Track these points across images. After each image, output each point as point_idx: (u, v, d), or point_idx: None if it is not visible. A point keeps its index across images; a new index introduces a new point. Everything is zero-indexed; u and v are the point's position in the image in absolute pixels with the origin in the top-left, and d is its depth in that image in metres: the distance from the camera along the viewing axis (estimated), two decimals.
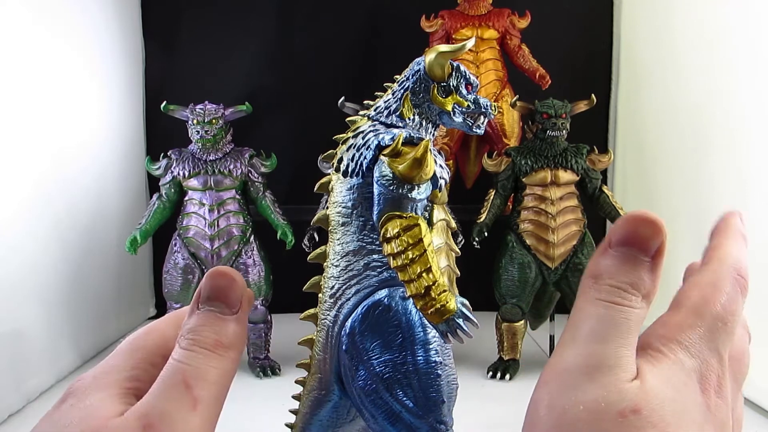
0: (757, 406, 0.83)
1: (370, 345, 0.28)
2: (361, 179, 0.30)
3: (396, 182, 0.28)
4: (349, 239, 0.30)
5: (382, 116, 0.32)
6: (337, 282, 0.30)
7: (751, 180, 0.85)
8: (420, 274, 0.27)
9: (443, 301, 0.27)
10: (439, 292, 0.27)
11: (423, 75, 0.32)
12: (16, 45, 0.86)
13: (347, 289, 0.30)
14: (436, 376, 0.29)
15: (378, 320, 0.29)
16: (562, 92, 0.99)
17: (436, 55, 0.32)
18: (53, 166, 0.95)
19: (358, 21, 1.30)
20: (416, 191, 0.29)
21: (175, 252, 0.97)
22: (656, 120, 1.15)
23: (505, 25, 1.17)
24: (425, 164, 0.28)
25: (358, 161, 0.30)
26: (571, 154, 0.95)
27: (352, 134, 0.32)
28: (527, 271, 0.95)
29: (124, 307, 1.20)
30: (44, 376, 0.90)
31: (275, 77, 1.33)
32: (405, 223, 0.28)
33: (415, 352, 0.28)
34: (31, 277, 0.87)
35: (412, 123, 0.32)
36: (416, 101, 0.32)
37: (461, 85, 0.32)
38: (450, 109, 0.32)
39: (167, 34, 1.34)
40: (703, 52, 0.97)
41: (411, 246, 0.28)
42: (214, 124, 0.96)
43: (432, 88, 0.32)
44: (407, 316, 0.28)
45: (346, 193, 0.30)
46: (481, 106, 0.32)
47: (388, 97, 0.33)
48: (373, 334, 0.28)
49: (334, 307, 0.30)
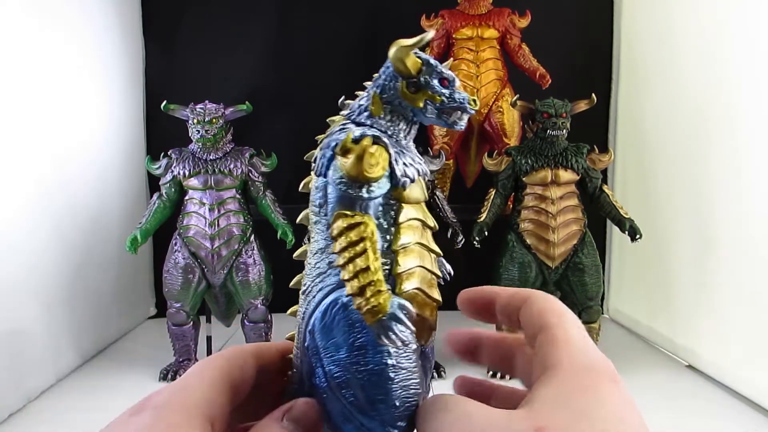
0: (757, 405, 0.83)
1: (325, 343, 0.28)
2: (324, 178, 0.29)
3: (345, 181, 0.28)
4: (318, 237, 0.30)
5: (353, 115, 0.32)
6: (307, 279, 0.30)
7: (751, 180, 0.85)
8: (357, 274, 0.27)
9: (375, 302, 0.27)
10: (373, 292, 0.27)
11: (392, 71, 0.31)
12: (17, 45, 0.86)
13: (314, 286, 0.30)
14: (387, 379, 0.28)
15: (334, 318, 0.28)
16: (563, 92, 0.99)
17: (396, 50, 0.31)
18: (54, 165, 0.95)
19: (358, 20, 1.31)
20: (365, 190, 0.28)
21: (175, 251, 0.97)
22: (656, 120, 1.15)
23: (506, 25, 1.17)
24: (366, 162, 0.28)
25: (321, 161, 0.30)
26: (572, 153, 0.95)
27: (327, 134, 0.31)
28: (527, 271, 0.95)
29: (125, 306, 1.20)
30: (45, 376, 0.90)
31: (275, 77, 1.33)
32: (349, 221, 0.28)
33: (366, 353, 0.28)
34: (31, 276, 0.87)
35: (384, 121, 0.31)
36: (387, 98, 0.31)
37: (433, 80, 0.31)
38: (421, 105, 0.31)
39: (167, 34, 1.34)
40: (703, 52, 0.97)
41: (353, 244, 0.27)
42: (214, 123, 0.96)
43: (401, 84, 0.31)
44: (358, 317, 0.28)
45: (315, 192, 0.30)
46: (456, 101, 0.31)
47: (363, 95, 0.33)
48: (329, 333, 0.28)
49: (304, 304, 0.30)
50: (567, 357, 0.25)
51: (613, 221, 0.97)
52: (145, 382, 0.94)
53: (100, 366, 1.03)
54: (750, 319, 0.84)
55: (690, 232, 1.01)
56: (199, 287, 0.97)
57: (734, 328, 0.88)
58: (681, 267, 1.04)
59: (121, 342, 1.17)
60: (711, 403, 0.87)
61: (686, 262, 1.02)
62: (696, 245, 0.99)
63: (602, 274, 0.99)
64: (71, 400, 0.87)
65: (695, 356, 1.00)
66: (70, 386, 0.93)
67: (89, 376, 0.98)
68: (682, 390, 0.92)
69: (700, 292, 0.98)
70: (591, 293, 0.95)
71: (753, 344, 0.84)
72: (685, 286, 1.03)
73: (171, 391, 0.26)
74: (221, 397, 0.27)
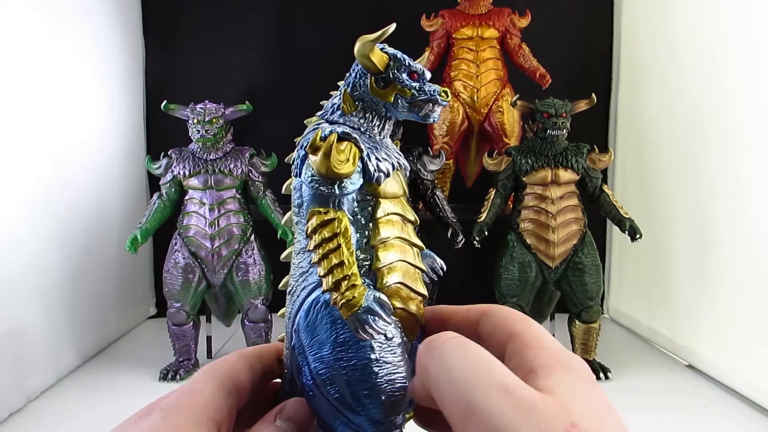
0: (757, 405, 0.83)
1: (309, 341, 0.29)
2: (300, 178, 0.30)
3: (318, 179, 0.28)
4: (299, 237, 0.30)
5: (327, 114, 0.32)
6: (292, 279, 0.31)
7: (750, 179, 0.85)
8: (332, 269, 0.27)
9: (350, 296, 0.27)
10: (347, 286, 0.27)
11: (361, 69, 0.32)
12: (16, 45, 0.86)
13: (298, 286, 0.30)
14: (371, 373, 0.28)
15: (317, 316, 0.29)
16: (563, 91, 0.99)
17: (359, 46, 0.31)
18: (53, 165, 0.95)
19: (358, 20, 1.30)
20: (337, 187, 0.28)
21: (175, 251, 0.97)
22: (656, 119, 1.15)
23: (506, 25, 1.17)
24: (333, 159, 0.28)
25: (296, 161, 0.30)
26: (572, 153, 0.95)
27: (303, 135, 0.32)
28: (527, 271, 0.95)
29: (125, 306, 1.20)
30: (45, 375, 0.90)
31: (275, 76, 1.33)
32: (322, 218, 0.28)
33: (349, 349, 0.28)
34: (31, 276, 0.87)
35: (356, 118, 0.31)
36: (358, 95, 0.31)
37: (402, 74, 0.31)
38: (392, 100, 0.31)
39: (167, 33, 1.34)
40: (703, 52, 0.97)
41: (326, 241, 0.28)
42: (214, 123, 0.96)
43: (370, 80, 0.31)
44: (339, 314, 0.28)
45: (294, 193, 0.31)
46: (427, 93, 0.31)
47: (335, 95, 0.33)
48: (312, 331, 0.29)
49: (290, 305, 0.30)
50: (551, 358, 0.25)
51: (613, 221, 0.97)
52: (145, 382, 0.94)
53: (100, 366, 1.03)
54: (750, 318, 0.84)
55: (690, 232, 1.01)
56: (199, 287, 0.97)
57: (734, 327, 0.88)
58: (681, 267, 1.04)
59: (121, 342, 1.17)
60: (711, 403, 0.87)
61: (686, 261, 1.02)
62: (696, 245, 0.99)
63: (602, 273, 0.99)
64: (71, 400, 0.87)
65: (695, 356, 1.00)
66: (70, 386, 0.93)
67: (89, 376, 0.98)
68: (682, 390, 0.92)
69: (700, 291, 0.98)
70: (591, 293, 0.95)
71: (753, 344, 0.84)
72: (685, 286, 1.03)
73: (178, 394, 0.27)
74: (227, 401, 0.28)
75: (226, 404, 0.28)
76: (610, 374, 0.95)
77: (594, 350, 0.98)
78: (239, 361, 0.30)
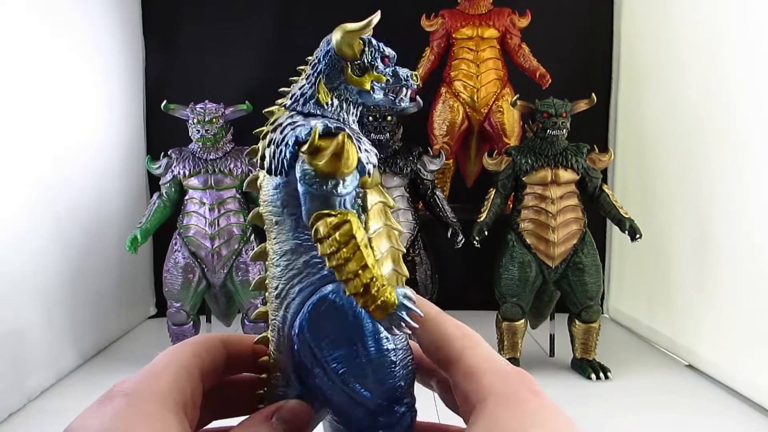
0: (758, 405, 0.83)
1: (320, 343, 0.28)
2: (285, 177, 0.28)
3: (319, 179, 0.27)
4: (284, 238, 0.29)
5: (298, 105, 0.31)
6: (280, 282, 0.29)
7: (750, 179, 0.85)
8: (356, 273, 0.26)
9: (383, 297, 0.26)
10: (377, 288, 0.26)
11: (334, 56, 0.31)
12: (16, 44, 0.86)
13: (291, 288, 0.29)
14: (390, 363, 0.28)
15: (325, 317, 0.28)
16: (563, 91, 0.99)
17: (342, 35, 0.30)
18: (54, 165, 0.95)
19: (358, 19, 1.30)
20: (341, 186, 0.27)
21: (175, 251, 0.97)
22: (656, 119, 1.15)
23: (506, 25, 1.17)
24: (345, 158, 0.27)
25: (278, 159, 0.28)
26: (572, 153, 0.95)
27: (270, 128, 0.30)
28: (527, 270, 0.95)
29: (125, 306, 1.20)
30: (45, 375, 0.90)
31: (275, 76, 1.31)
32: (334, 221, 0.27)
33: (366, 344, 0.28)
34: (31, 276, 0.87)
35: (331, 108, 0.30)
36: (332, 84, 0.31)
37: (377, 60, 0.31)
38: (368, 87, 0.30)
39: (167, 33, 1.34)
40: (703, 52, 0.97)
41: (343, 245, 0.27)
42: (214, 123, 0.96)
43: (345, 68, 0.30)
44: (353, 309, 0.28)
45: (274, 192, 0.29)
46: (401, 79, 0.31)
47: (303, 83, 0.31)
48: (322, 332, 0.28)
49: (281, 308, 0.29)
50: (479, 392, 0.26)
51: (613, 221, 0.97)
52: None
53: (100, 366, 1.03)
54: (750, 318, 0.84)
55: (690, 231, 1.01)
56: (199, 287, 0.97)
57: (734, 327, 0.88)
58: (681, 266, 1.04)
59: (121, 342, 1.17)
60: (711, 403, 0.87)
61: (686, 261, 1.02)
62: (696, 245, 0.99)
63: (602, 273, 0.99)
64: (71, 400, 0.87)
65: (695, 356, 1.00)
66: (70, 386, 0.93)
67: (89, 376, 0.98)
68: (682, 390, 0.92)
69: (700, 291, 0.98)
70: (591, 293, 0.95)
71: (753, 344, 0.84)
72: (685, 286, 1.03)
73: (140, 377, 0.26)
74: (191, 383, 0.27)
75: (191, 386, 0.27)
76: (610, 374, 0.94)
77: (594, 350, 0.98)
78: (205, 343, 0.29)
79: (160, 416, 0.24)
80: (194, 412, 0.27)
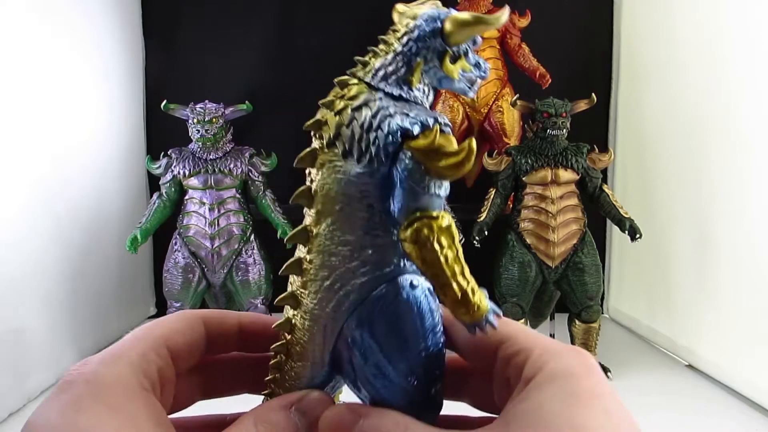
0: (757, 405, 0.83)
1: (381, 338, 0.27)
2: (374, 167, 0.26)
3: (428, 179, 0.26)
4: (349, 227, 0.27)
5: (385, 85, 0.28)
6: (334, 272, 0.27)
7: (751, 179, 0.85)
8: (456, 278, 0.26)
9: (479, 303, 0.26)
10: (475, 293, 0.26)
11: (440, 39, 0.28)
12: (16, 44, 0.86)
13: (351, 279, 0.27)
14: (441, 354, 0.28)
15: (389, 312, 0.27)
16: (563, 91, 0.99)
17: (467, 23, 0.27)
18: (53, 165, 0.95)
19: (358, 20, 1.30)
20: (445, 187, 0.26)
21: (175, 251, 0.97)
22: (656, 119, 1.15)
23: (505, 24, 1.17)
24: (469, 163, 0.25)
25: (372, 146, 0.26)
26: (572, 153, 0.95)
27: (351, 105, 0.27)
28: (527, 270, 0.95)
29: (125, 306, 1.20)
30: (45, 375, 0.90)
31: (275, 76, 1.32)
32: (439, 223, 0.26)
33: (426, 339, 0.27)
34: (31, 276, 0.87)
35: (419, 92, 0.28)
36: (425, 67, 0.28)
37: (470, 49, 0.29)
38: (457, 76, 0.29)
39: (167, 33, 1.34)
40: (703, 52, 0.97)
41: (446, 248, 0.25)
42: (214, 123, 0.96)
43: (446, 54, 0.28)
44: (418, 305, 0.27)
45: (352, 178, 0.26)
46: (482, 70, 0.29)
47: (389, 60, 0.28)
48: (384, 326, 0.27)
49: (332, 299, 0.27)
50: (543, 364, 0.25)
51: (613, 221, 0.97)
52: None
53: None
54: (750, 318, 0.84)
55: (690, 231, 1.01)
56: (199, 287, 0.97)
57: (734, 327, 0.88)
58: (681, 266, 1.04)
59: None
60: (711, 403, 0.87)
61: (686, 261, 1.02)
62: (696, 245, 0.99)
63: (602, 273, 0.99)
64: None
65: (695, 356, 1.00)
66: None
67: None
68: (682, 390, 0.92)
69: (700, 291, 0.98)
70: (591, 293, 0.95)
71: (753, 344, 0.84)
72: (685, 286, 1.03)
73: (102, 360, 0.24)
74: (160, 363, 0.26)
75: (156, 366, 0.25)
76: (610, 374, 0.95)
77: (594, 350, 0.98)
78: (180, 321, 0.28)
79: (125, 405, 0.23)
80: (169, 390, 0.26)
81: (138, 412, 0.23)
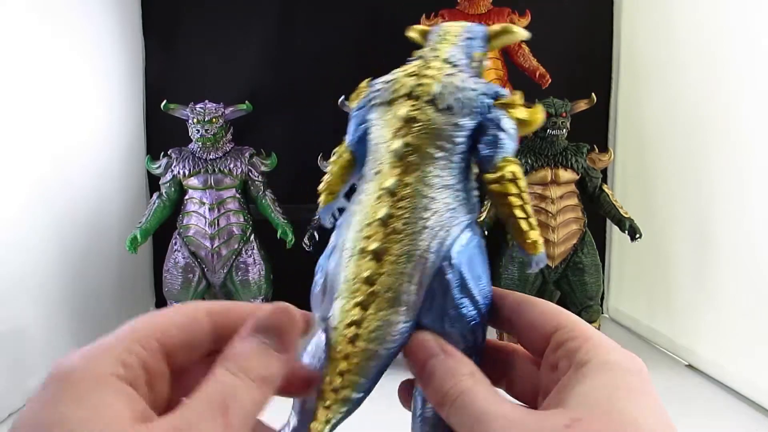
0: (757, 405, 0.83)
1: (471, 276, 0.31)
2: (472, 121, 0.31)
3: (513, 131, 0.32)
4: (448, 174, 0.31)
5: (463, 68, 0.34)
6: (434, 214, 0.31)
7: (751, 179, 0.85)
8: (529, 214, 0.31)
9: (539, 240, 0.31)
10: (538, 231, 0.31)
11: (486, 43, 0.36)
12: (16, 44, 0.86)
13: (449, 221, 0.31)
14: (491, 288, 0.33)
15: (475, 252, 0.31)
16: (562, 91, 0.99)
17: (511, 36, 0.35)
18: (53, 165, 0.95)
19: (358, 20, 1.30)
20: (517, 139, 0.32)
21: (175, 251, 0.97)
22: (656, 119, 1.15)
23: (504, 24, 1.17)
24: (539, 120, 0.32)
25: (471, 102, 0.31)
26: (572, 153, 0.95)
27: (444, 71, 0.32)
28: (527, 270, 0.95)
29: (125, 306, 1.20)
30: (44, 375, 0.90)
31: (275, 76, 1.32)
32: (519, 167, 0.31)
33: (489, 279, 0.32)
34: (31, 276, 0.87)
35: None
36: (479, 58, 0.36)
37: None
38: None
39: (167, 33, 1.34)
40: (703, 52, 0.97)
41: (524, 187, 0.31)
42: (214, 123, 0.96)
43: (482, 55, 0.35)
44: (484, 248, 0.32)
45: (452, 129, 0.31)
46: None
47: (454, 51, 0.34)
48: (475, 266, 0.31)
49: (435, 239, 0.30)
50: (596, 354, 0.25)
51: (613, 221, 0.97)
52: None
53: None
54: (750, 318, 0.84)
55: (690, 231, 1.01)
56: (199, 287, 0.97)
57: (734, 327, 0.88)
58: (681, 266, 1.04)
59: None
60: (711, 403, 0.87)
61: (686, 261, 1.02)
62: (696, 245, 0.99)
63: (602, 273, 0.99)
64: None
65: (695, 356, 1.00)
66: None
67: None
68: (682, 390, 0.92)
69: (700, 291, 0.98)
70: (591, 293, 0.95)
71: (753, 344, 0.84)
72: (685, 286, 1.03)
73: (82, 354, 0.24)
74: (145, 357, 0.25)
75: (140, 360, 0.25)
76: None
77: None
78: (178, 314, 0.27)
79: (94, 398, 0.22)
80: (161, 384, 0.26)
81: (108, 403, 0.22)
